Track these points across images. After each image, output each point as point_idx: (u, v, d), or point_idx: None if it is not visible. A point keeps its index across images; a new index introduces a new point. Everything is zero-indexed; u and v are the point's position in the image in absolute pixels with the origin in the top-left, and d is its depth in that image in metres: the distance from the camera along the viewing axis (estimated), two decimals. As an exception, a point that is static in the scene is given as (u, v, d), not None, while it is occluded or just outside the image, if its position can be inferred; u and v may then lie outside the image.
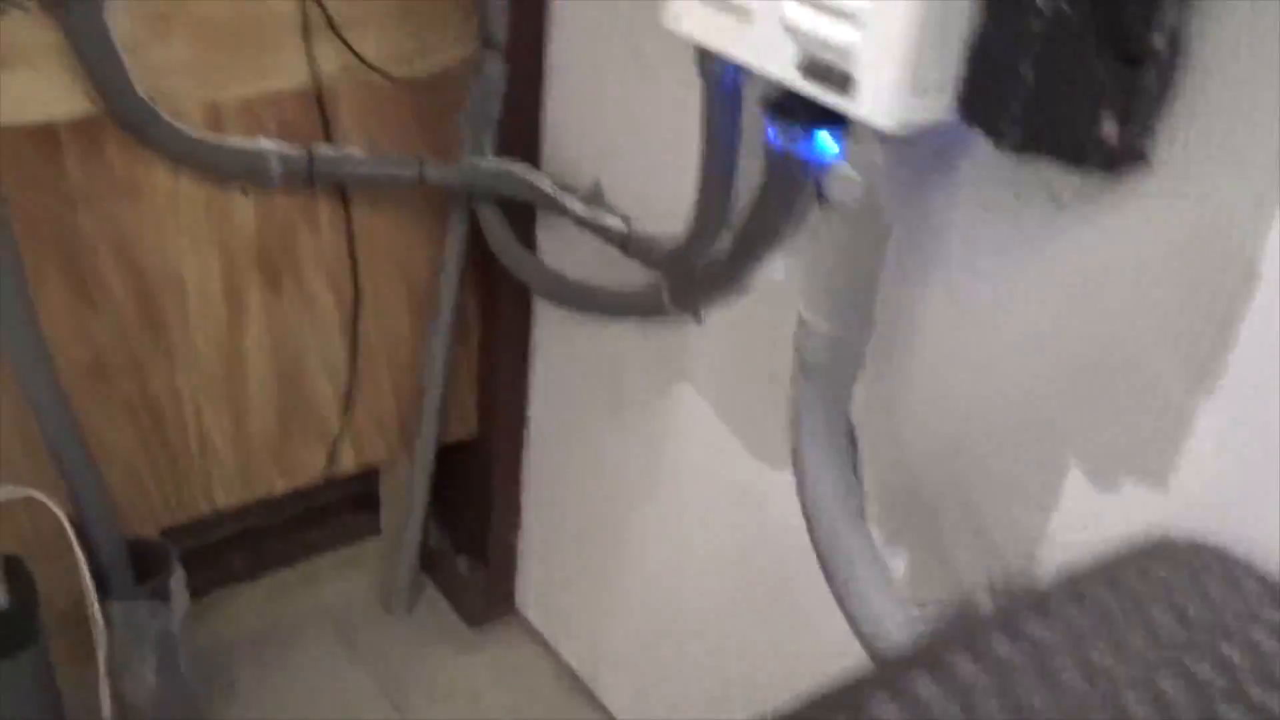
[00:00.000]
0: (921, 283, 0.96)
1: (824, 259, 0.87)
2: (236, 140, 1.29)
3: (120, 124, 1.20)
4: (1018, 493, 0.92)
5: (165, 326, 1.36)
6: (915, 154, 0.88)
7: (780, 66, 0.82)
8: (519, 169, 1.36)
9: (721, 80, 0.94)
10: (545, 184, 1.33)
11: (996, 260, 0.89)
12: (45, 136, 1.18)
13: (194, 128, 1.26)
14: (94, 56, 1.15)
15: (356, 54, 1.32)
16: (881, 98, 0.76)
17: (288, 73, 1.30)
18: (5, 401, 1.25)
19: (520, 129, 1.38)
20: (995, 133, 0.77)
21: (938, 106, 0.78)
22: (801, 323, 0.87)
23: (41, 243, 1.22)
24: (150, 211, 1.28)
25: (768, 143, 0.91)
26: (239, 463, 1.52)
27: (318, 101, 1.33)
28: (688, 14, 0.88)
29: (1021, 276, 0.87)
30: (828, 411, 0.89)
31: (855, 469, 0.93)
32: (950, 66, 0.77)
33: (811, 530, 0.91)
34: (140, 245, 1.30)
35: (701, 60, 0.92)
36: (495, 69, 1.37)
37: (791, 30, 0.80)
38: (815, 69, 0.80)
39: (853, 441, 0.93)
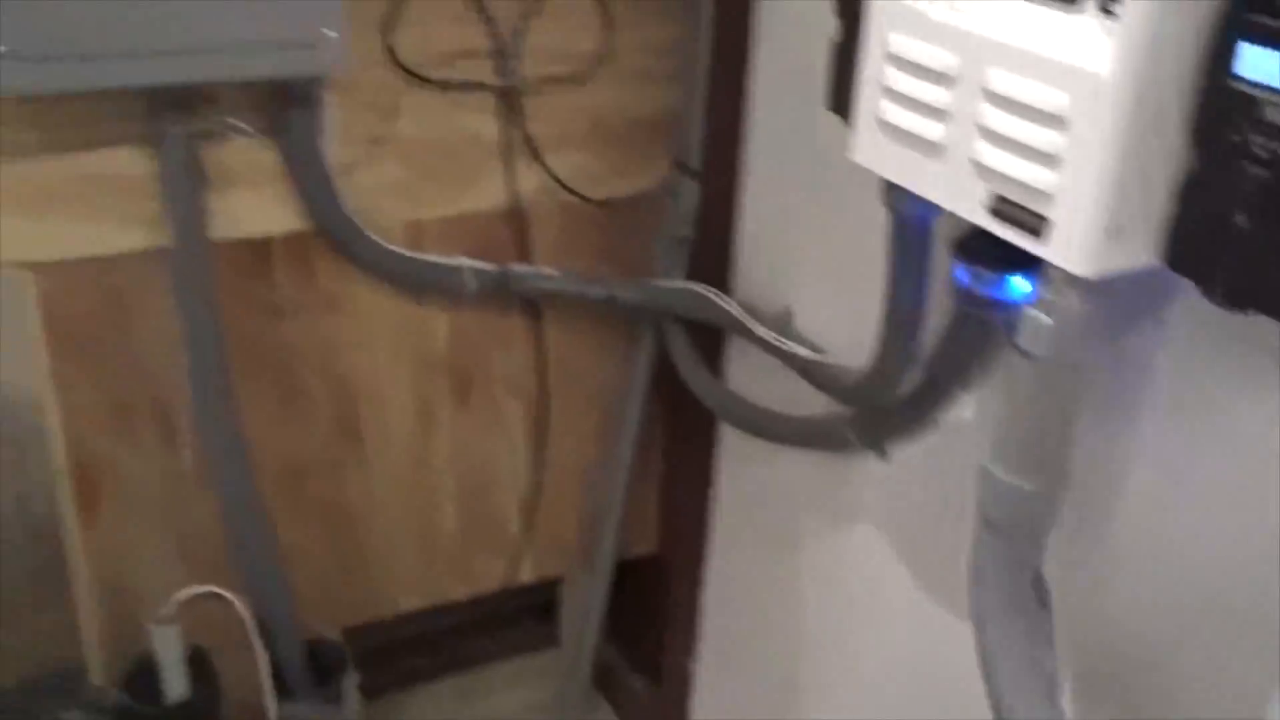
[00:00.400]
0: (1124, 432, 0.88)
1: (1013, 406, 0.82)
2: (435, 257, 1.33)
3: (327, 241, 1.27)
4: (1237, 670, 0.82)
5: (359, 434, 1.40)
6: (1116, 295, 0.82)
7: (970, 206, 0.78)
8: (709, 292, 1.35)
9: (909, 215, 0.90)
10: (734, 308, 1.32)
11: (1208, 410, 0.81)
12: (258, 251, 1.25)
13: (396, 244, 1.31)
14: (307, 178, 1.21)
15: (554, 176, 1.36)
16: (1077, 242, 0.71)
17: (488, 193, 1.34)
18: (199, 498, 1.31)
19: (712, 253, 1.38)
20: (1205, 283, 0.70)
21: (1140, 251, 0.73)
22: (985, 474, 0.82)
23: (248, 350, 1.29)
24: (351, 324, 1.34)
25: (956, 281, 0.87)
26: (422, 568, 1.54)
27: (515, 221, 1.37)
28: (874, 147, 0.86)
29: (1237, 429, 0.79)
30: (1012, 571, 0.83)
31: (1048, 635, 0.86)
32: (1154, 210, 0.72)
33: (992, 699, 0.84)
34: (340, 356, 1.35)
35: (888, 194, 0.89)
36: (689, 193, 1.38)
37: (982, 169, 0.76)
38: (1007, 210, 0.75)
39: (1045, 604, 0.86)
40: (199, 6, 1.03)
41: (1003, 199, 0.75)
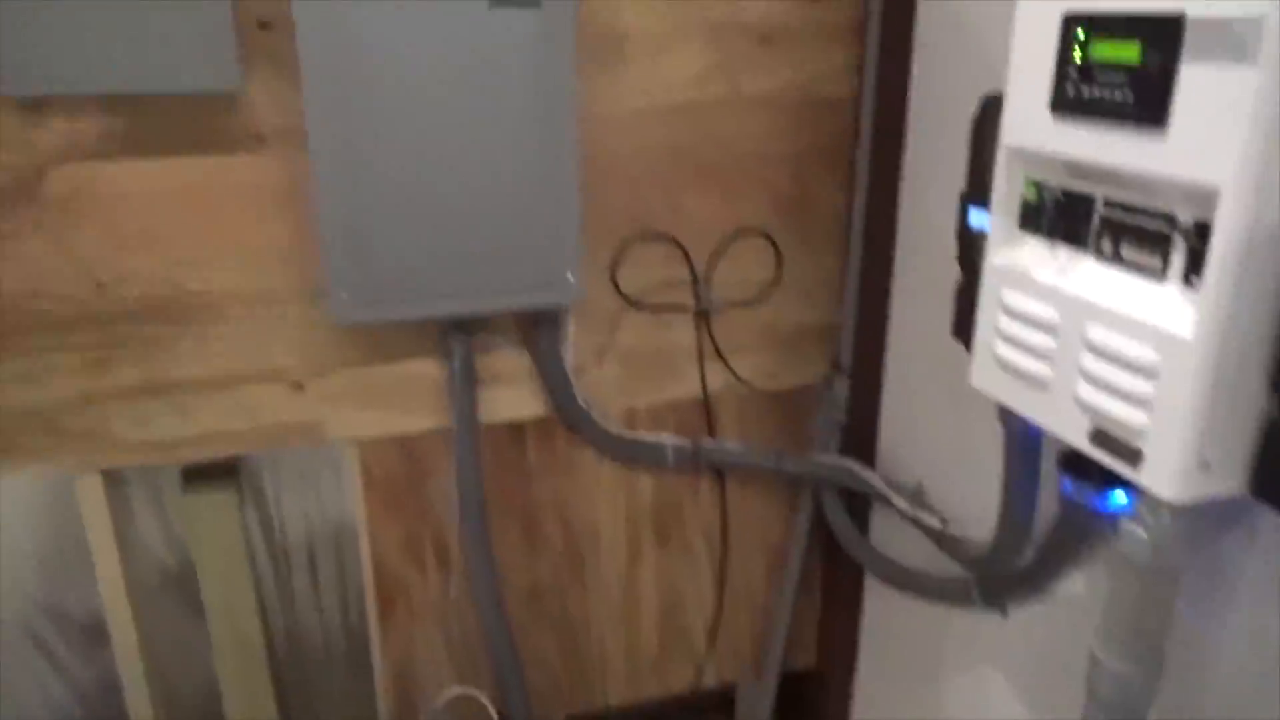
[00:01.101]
0: (1216, 625, 0.79)
1: (1116, 602, 0.74)
2: (644, 435, 1.34)
3: (565, 423, 1.29)
4: None
5: (583, 564, 1.41)
6: (1207, 512, 0.74)
7: (1074, 434, 0.73)
8: (856, 466, 1.30)
9: (1020, 433, 0.85)
10: (876, 481, 1.26)
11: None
12: (514, 431, 1.29)
13: (615, 425, 1.33)
14: (551, 376, 1.25)
15: (735, 374, 1.35)
16: (1168, 473, 0.65)
17: (685, 386, 1.35)
18: (463, 612, 1.33)
19: (860, 434, 1.33)
20: (1288, 513, 0.63)
21: (1227, 481, 0.66)
22: (1093, 659, 0.74)
23: (504, 502, 1.32)
24: (580, 483, 1.35)
25: (1063, 490, 0.81)
26: (628, 670, 1.51)
27: (705, 406, 1.37)
28: (990, 376, 0.82)
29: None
30: (1119, 743, 0.74)
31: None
32: (1239, 446, 0.65)
33: None
34: (571, 506, 1.36)
35: (1003, 414, 0.84)
36: (842, 387, 1.35)
37: (1084, 405, 0.71)
38: (1106, 440, 0.70)
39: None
40: (485, 263, 1.08)
41: (1102, 431, 0.70)
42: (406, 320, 1.14)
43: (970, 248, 0.92)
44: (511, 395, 1.26)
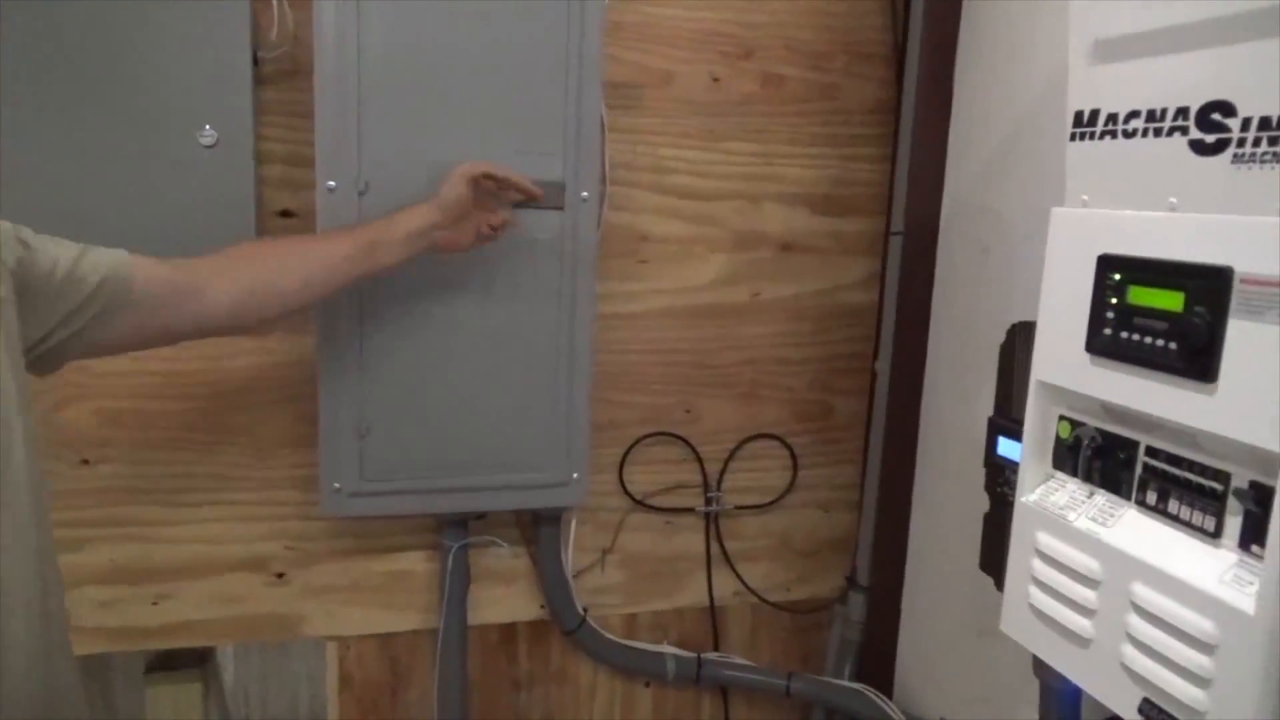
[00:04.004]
0: None
1: None
2: (644, 644, 1.26)
3: (560, 628, 1.21)
4: None
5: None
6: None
7: (1119, 702, 0.65)
8: (872, 695, 1.21)
9: (1058, 689, 0.77)
10: (895, 713, 1.17)
11: None
12: (505, 634, 1.21)
13: (614, 633, 1.24)
14: (550, 578, 1.18)
15: (745, 583, 1.28)
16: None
17: (690, 594, 1.27)
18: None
19: (876, 658, 1.24)
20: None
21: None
22: None
23: (491, 710, 1.22)
24: (571, 696, 1.26)
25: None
26: None
27: (711, 616, 1.29)
28: (1024, 624, 0.75)
29: None
30: None
31: None
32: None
33: None
34: (561, 720, 1.27)
35: (1039, 668, 0.77)
36: (858, 605, 1.27)
37: (1132, 674, 0.64)
38: (1157, 714, 0.62)
39: None
40: (489, 461, 1.04)
41: (1151, 704, 0.63)
42: (402, 516, 1.09)
43: (998, 477, 0.88)
44: (505, 595, 1.19)
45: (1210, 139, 0.59)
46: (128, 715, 1.21)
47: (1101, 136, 0.68)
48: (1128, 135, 0.66)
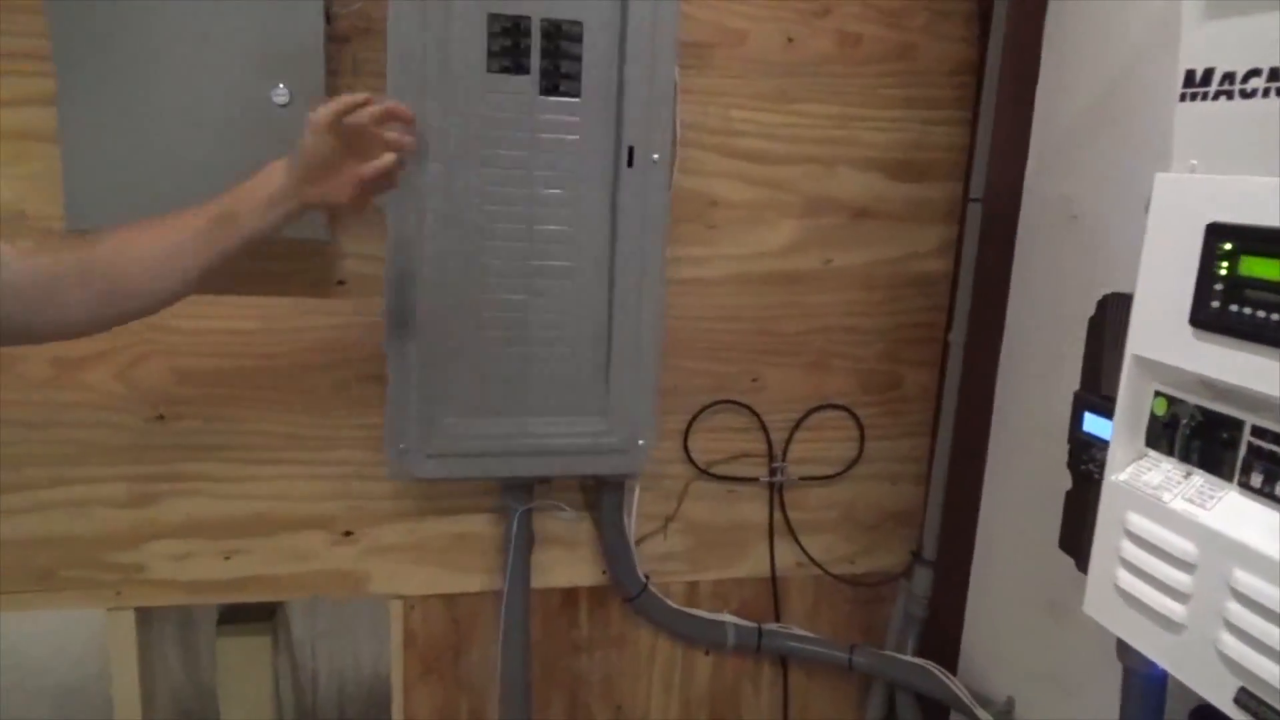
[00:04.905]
0: None
1: None
2: (704, 613, 1.25)
3: (622, 594, 1.21)
4: None
5: (626, 750, 1.30)
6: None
7: (1213, 691, 0.63)
8: (937, 670, 1.19)
9: (1142, 675, 0.75)
10: (960, 690, 1.15)
11: None
12: (567, 598, 1.22)
13: (675, 600, 1.24)
14: (612, 544, 1.18)
15: (808, 554, 1.27)
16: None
17: (752, 564, 1.26)
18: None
19: (941, 634, 1.23)
20: None
21: None
22: None
23: (551, 672, 1.23)
24: (632, 660, 1.26)
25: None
26: None
27: (772, 587, 1.28)
28: (1109, 606, 0.72)
29: None
30: None
31: None
32: None
33: None
34: (620, 684, 1.27)
35: (1124, 652, 0.75)
36: (923, 579, 1.25)
37: (1229, 661, 0.61)
38: (1254, 705, 0.60)
39: None
40: (555, 425, 1.04)
41: (1250, 694, 0.60)
42: (468, 479, 1.09)
43: (1084, 454, 0.84)
44: (568, 560, 1.19)
45: (1341, 99, 0.55)
46: (207, 665, 1.25)
47: (1216, 97, 0.64)
48: (1245, 95, 0.62)
